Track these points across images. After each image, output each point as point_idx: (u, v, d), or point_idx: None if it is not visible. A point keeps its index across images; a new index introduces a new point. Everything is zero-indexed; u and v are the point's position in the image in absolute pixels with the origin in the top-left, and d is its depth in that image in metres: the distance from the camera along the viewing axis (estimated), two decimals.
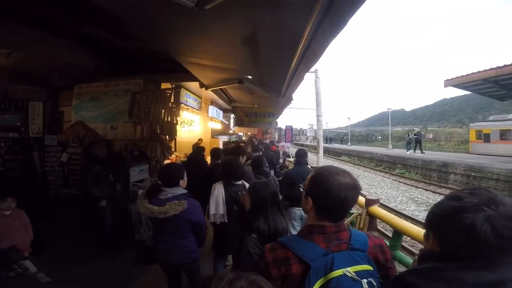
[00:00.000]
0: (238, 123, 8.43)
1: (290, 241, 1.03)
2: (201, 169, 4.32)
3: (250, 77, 4.60)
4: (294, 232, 2.41)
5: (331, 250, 0.93)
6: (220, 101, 9.19)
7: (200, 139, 9.23)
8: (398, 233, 2.31)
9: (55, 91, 6.22)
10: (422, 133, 23.43)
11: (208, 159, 5.06)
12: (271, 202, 1.77)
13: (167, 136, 5.07)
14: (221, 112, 10.20)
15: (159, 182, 2.33)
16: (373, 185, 12.61)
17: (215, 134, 11.56)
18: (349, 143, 40.44)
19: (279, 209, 1.84)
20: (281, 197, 2.87)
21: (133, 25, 3.42)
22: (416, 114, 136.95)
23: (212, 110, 8.88)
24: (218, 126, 10.14)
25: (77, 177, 5.50)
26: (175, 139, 5.26)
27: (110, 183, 4.23)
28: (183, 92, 6.59)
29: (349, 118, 44.70)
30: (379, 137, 62.70)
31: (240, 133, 13.68)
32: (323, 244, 0.97)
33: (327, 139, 42.00)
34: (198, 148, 5.23)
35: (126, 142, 5.57)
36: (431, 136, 47.91)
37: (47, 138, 5.78)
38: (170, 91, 5.25)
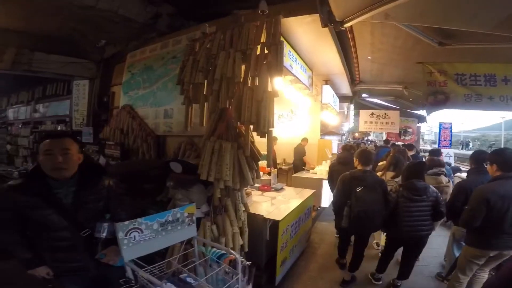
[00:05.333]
0: (436, 101, 3.12)
1: None
2: None
3: None
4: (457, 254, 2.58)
5: None
6: (340, 80, 5.68)
7: (304, 139, 6.04)
8: None
9: (105, 64, 4.29)
10: None
11: None
12: None
13: (251, 128, 2.00)
14: (337, 100, 6.66)
15: None
16: None
17: (322, 133, 8.12)
18: None
19: None
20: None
21: None
22: None
23: (328, 93, 5.45)
24: (334, 120, 6.65)
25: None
26: (271, 135, 1.97)
27: (80, 242, 1.51)
28: (286, 49, 3.48)
29: (502, 117, 31.73)
30: None
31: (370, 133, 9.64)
32: None
33: (463, 144, 31.01)
34: (349, 148, 4.21)
35: (180, 141, 2.93)
36: None
37: (83, 131, 3.82)
38: (260, 24, 2.20)
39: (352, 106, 7.14)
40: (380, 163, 4.13)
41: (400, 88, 5.95)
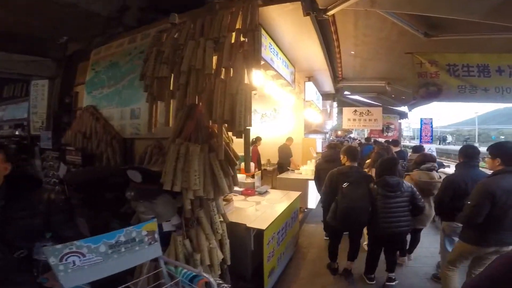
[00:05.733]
0: (428, 93, 2.90)
1: None
2: None
3: None
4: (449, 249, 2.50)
5: None
6: (323, 77, 5.53)
7: (289, 139, 5.85)
8: None
9: (68, 62, 3.87)
10: None
11: None
12: None
13: (225, 126, 1.73)
14: (320, 97, 6.53)
15: None
16: None
17: (306, 131, 7.99)
18: (477, 144, 30.89)
19: None
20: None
21: None
22: None
23: (311, 90, 5.28)
24: (317, 118, 6.50)
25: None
26: (248, 134, 1.72)
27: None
28: (266, 41, 3.25)
29: (476, 112, 33.76)
30: (502, 137, 47.98)
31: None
32: None
33: (440, 139, 32.28)
34: (333, 146, 3.97)
35: (149, 144, 2.61)
36: None
37: (42, 136, 3.39)
38: (235, 9, 1.94)
39: (335, 104, 7.05)
40: (367, 161, 4.04)
41: (383, 84, 5.90)
